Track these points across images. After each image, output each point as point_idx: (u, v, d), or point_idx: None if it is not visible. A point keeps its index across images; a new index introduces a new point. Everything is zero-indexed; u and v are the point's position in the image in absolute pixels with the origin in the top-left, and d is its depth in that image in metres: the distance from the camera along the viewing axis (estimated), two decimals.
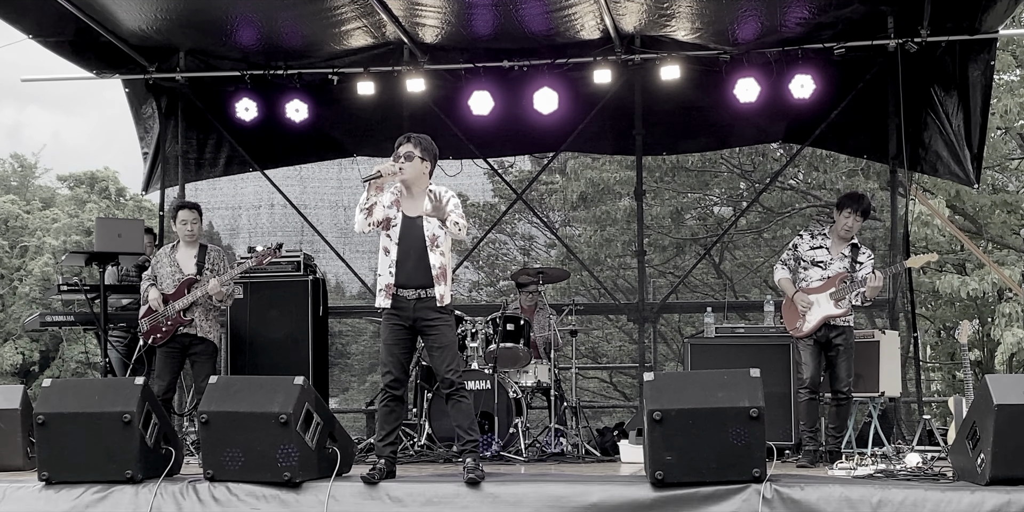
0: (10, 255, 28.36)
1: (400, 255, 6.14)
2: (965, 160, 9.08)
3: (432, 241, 6.15)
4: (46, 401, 6.14)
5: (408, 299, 6.13)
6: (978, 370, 14.84)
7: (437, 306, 6.14)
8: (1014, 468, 5.30)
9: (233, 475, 5.82)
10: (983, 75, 8.81)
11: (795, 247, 7.60)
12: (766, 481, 5.41)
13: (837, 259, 7.43)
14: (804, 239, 7.59)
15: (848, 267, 7.39)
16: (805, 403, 7.39)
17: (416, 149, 6.15)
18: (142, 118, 10.43)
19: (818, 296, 7.37)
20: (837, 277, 7.36)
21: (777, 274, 7.67)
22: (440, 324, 6.16)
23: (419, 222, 6.16)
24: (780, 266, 7.66)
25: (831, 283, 7.37)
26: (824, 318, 7.33)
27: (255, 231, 11.22)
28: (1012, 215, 14.31)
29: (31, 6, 8.72)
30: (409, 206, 6.20)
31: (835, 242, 7.49)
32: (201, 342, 7.80)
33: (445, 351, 6.18)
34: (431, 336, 6.18)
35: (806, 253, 7.52)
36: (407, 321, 6.16)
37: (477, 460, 5.97)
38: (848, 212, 7.40)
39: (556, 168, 16.72)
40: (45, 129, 50.03)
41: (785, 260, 7.65)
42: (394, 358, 6.17)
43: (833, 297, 7.32)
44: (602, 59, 9.39)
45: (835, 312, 7.32)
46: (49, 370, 26.44)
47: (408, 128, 10.13)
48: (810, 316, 7.35)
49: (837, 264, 7.42)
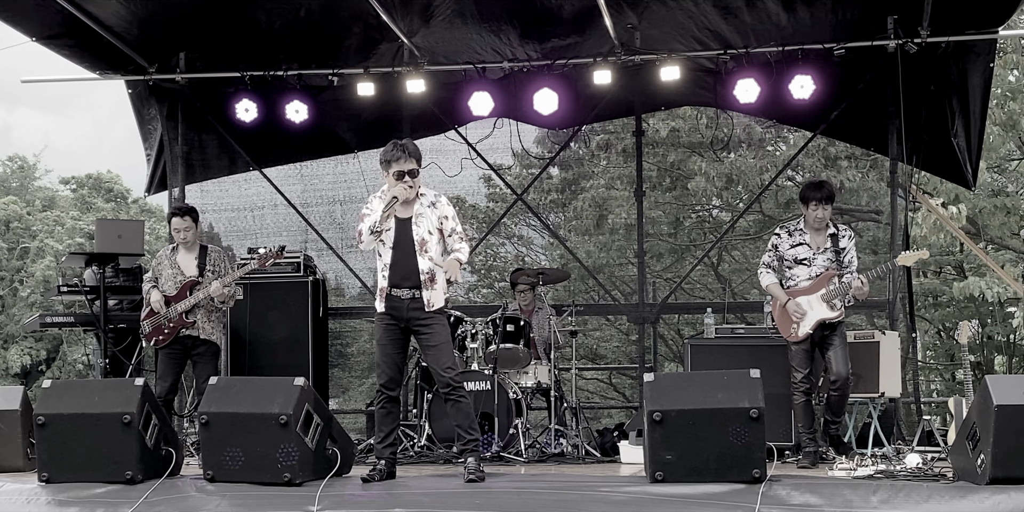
0: (10, 257, 28.35)
1: (393, 257, 6.20)
2: (964, 162, 9.08)
3: (421, 245, 6.18)
4: (46, 402, 6.15)
5: (402, 299, 6.17)
6: (978, 371, 14.84)
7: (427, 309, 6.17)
8: (1014, 468, 5.30)
9: (233, 476, 5.83)
10: (983, 76, 8.81)
11: (775, 247, 7.41)
12: (766, 482, 5.41)
13: (820, 253, 7.25)
14: (783, 238, 7.39)
15: (832, 258, 7.23)
16: (801, 405, 7.30)
17: (414, 163, 6.20)
18: (145, 120, 10.42)
19: (809, 298, 7.22)
20: (825, 276, 7.21)
21: (764, 280, 7.47)
22: (433, 323, 6.20)
23: (409, 224, 6.20)
24: (765, 270, 7.46)
25: (820, 283, 7.23)
26: (818, 322, 7.20)
27: (261, 232, 11.23)
28: (1011, 216, 14.30)
29: (32, 8, 8.72)
30: (401, 209, 6.24)
31: (812, 235, 7.30)
32: (203, 343, 7.81)
33: (439, 350, 6.21)
34: (424, 335, 6.22)
35: (788, 252, 7.35)
36: (401, 321, 6.20)
37: (478, 460, 5.99)
38: (814, 204, 7.21)
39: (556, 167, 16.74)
40: (35, 131, 50.08)
41: (768, 263, 7.45)
42: (388, 357, 6.21)
43: (824, 298, 7.17)
44: (602, 60, 9.39)
45: (829, 315, 7.19)
46: (50, 371, 26.45)
47: (408, 129, 10.20)
48: (804, 320, 7.21)
49: (821, 259, 7.25)
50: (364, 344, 19.58)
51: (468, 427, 6.17)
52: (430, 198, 6.29)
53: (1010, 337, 14.84)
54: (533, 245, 18.12)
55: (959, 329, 8.11)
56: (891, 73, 9.00)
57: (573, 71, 9.59)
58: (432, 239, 6.20)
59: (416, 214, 6.21)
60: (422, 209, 6.23)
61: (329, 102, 10.09)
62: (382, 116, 10.30)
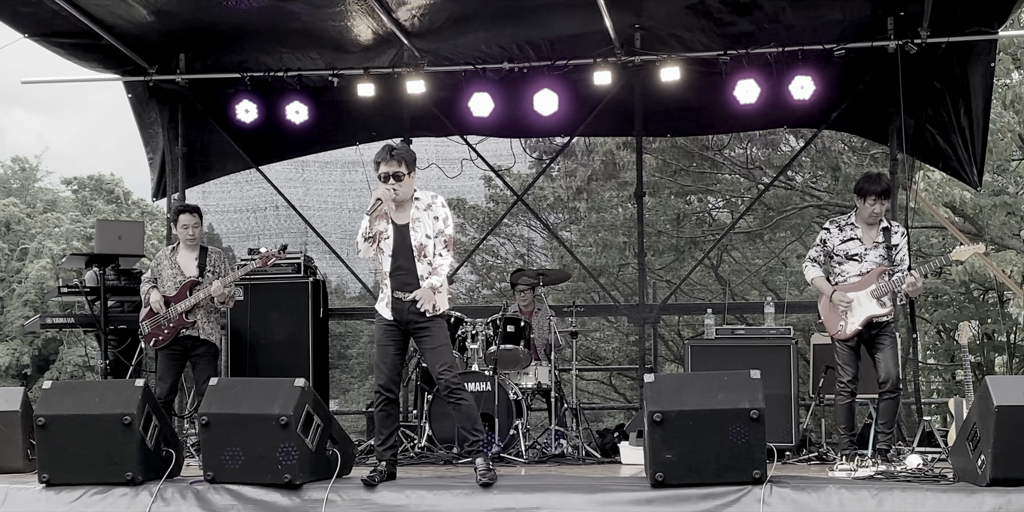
0: (10, 258, 28.38)
1: (393, 263, 6.20)
2: (967, 162, 9.07)
3: (419, 251, 6.17)
4: (46, 403, 6.15)
5: (403, 302, 6.17)
6: (978, 371, 14.85)
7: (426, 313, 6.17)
8: (1014, 469, 5.30)
9: (233, 477, 5.83)
10: (984, 77, 8.80)
11: (823, 242, 7.12)
12: (766, 482, 5.41)
13: (871, 248, 6.98)
14: (832, 233, 7.10)
15: (884, 255, 6.95)
16: (845, 406, 7.00)
17: (401, 166, 6.16)
18: (146, 124, 10.41)
19: (858, 294, 6.93)
20: (875, 272, 6.94)
21: (809, 273, 7.19)
22: (432, 325, 6.19)
23: (406, 230, 6.20)
24: (810, 264, 7.18)
25: (870, 279, 6.95)
26: (868, 319, 6.91)
27: (263, 233, 11.24)
28: (1012, 216, 14.30)
29: (32, 8, 8.71)
30: (398, 215, 6.24)
31: (865, 229, 7.02)
32: (203, 344, 7.82)
33: (438, 351, 6.21)
34: (424, 337, 6.22)
35: (838, 247, 7.05)
36: (401, 324, 6.21)
37: (487, 461, 5.98)
38: (872, 199, 6.90)
39: (557, 170, 16.76)
40: (30, 132, 50.14)
41: (814, 257, 7.17)
42: (388, 358, 6.21)
43: (874, 294, 6.89)
44: (602, 61, 9.39)
45: (879, 312, 6.91)
46: (48, 372, 26.49)
47: (409, 130, 10.20)
48: (852, 317, 6.93)
49: (873, 254, 6.97)
50: (364, 345, 19.62)
51: (472, 429, 6.16)
52: (426, 201, 6.26)
53: (1010, 337, 14.85)
54: (534, 245, 18.14)
55: (959, 329, 8.09)
56: (891, 73, 8.98)
57: (573, 72, 9.59)
58: (430, 243, 6.19)
59: (413, 219, 6.20)
60: (418, 213, 6.21)
61: (329, 103, 10.08)
62: (382, 117, 10.30)
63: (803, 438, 8.40)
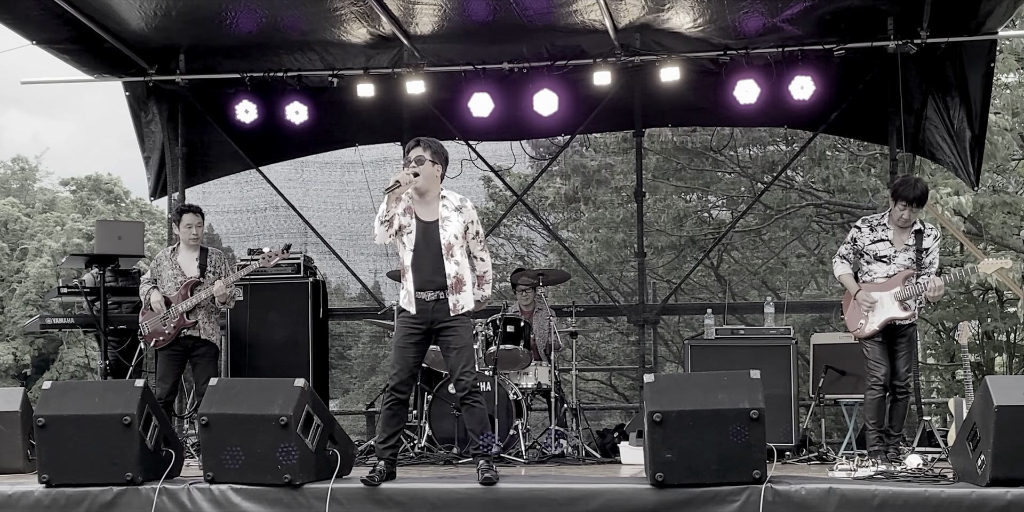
0: (10, 257, 28.39)
1: (416, 260, 6.12)
2: (967, 161, 9.08)
3: (448, 249, 6.11)
4: (46, 403, 6.15)
5: (426, 301, 6.11)
6: (978, 371, 14.84)
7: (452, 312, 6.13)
8: (1014, 469, 5.30)
9: (233, 477, 5.83)
10: (983, 77, 8.80)
11: (854, 241, 7.07)
12: (766, 482, 5.41)
13: (901, 251, 6.92)
14: (863, 232, 7.03)
15: (913, 258, 6.90)
16: (876, 401, 6.90)
17: (427, 152, 6.13)
18: (143, 123, 10.41)
19: (882, 295, 6.91)
20: (902, 275, 6.92)
21: (837, 269, 7.17)
22: (458, 326, 6.13)
23: (434, 227, 6.13)
24: (840, 261, 7.15)
25: (896, 281, 6.90)
26: (888, 320, 6.88)
27: (263, 234, 11.25)
28: (1012, 216, 14.30)
29: (32, 10, 8.72)
30: (423, 211, 6.18)
31: (896, 231, 6.95)
32: (204, 344, 7.82)
33: (462, 352, 6.14)
34: (449, 337, 6.14)
35: (868, 247, 7.00)
36: (424, 323, 6.13)
37: (491, 462, 5.98)
38: (903, 205, 6.81)
39: (557, 171, 16.75)
40: (26, 133, 50.14)
41: (844, 254, 7.13)
42: (405, 361, 6.14)
43: (898, 297, 6.87)
44: (602, 61, 9.39)
45: (900, 315, 6.88)
46: (48, 372, 26.48)
47: (408, 130, 10.19)
48: (873, 317, 6.90)
49: (902, 257, 6.92)
50: (364, 345, 19.62)
51: (480, 433, 6.14)
52: (456, 202, 6.21)
53: (1010, 337, 14.84)
54: (533, 246, 18.15)
55: (959, 329, 8.10)
56: (891, 74, 9.00)
57: (573, 72, 9.59)
58: (458, 243, 6.14)
59: (442, 218, 6.14)
60: (448, 213, 6.15)
61: (329, 103, 10.09)
62: (382, 117, 10.31)
63: (803, 438, 8.41)
